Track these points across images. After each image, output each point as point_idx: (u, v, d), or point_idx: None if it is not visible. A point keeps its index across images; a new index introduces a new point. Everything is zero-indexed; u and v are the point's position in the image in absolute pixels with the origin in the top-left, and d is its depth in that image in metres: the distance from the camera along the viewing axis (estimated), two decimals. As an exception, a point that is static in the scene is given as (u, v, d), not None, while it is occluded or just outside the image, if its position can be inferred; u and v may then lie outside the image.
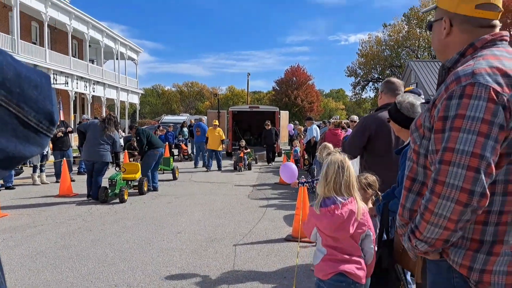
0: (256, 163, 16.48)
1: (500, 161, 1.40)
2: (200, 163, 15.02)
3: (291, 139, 19.39)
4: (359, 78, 51.39)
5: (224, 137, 14.54)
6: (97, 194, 8.31)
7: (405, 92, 5.58)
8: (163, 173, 13.06)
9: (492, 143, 1.34)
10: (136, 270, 4.56)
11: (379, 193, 2.80)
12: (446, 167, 1.37)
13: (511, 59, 1.49)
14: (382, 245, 2.50)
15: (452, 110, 1.40)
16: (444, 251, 1.52)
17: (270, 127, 16.29)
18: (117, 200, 8.44)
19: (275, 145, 16.77)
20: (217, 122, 14.54)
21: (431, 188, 1.41)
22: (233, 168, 14.24)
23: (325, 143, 6.20)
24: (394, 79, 3.65)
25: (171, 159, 13.12)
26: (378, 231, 2.65)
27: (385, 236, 2.57)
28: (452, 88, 1.44)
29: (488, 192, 1.34)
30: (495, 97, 1.36)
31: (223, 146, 14.97)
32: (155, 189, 9.88)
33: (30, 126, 0.70)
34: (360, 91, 52.54)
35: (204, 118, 17.27)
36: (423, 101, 2.78)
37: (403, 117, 2.69)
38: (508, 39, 1.63)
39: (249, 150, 15.30)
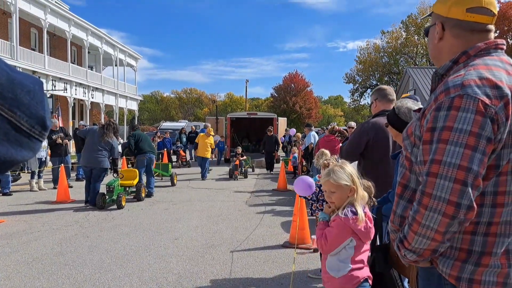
0: (253, 170, 16.22)
1: (488, 173, 1.41)
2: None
3: (283, 146, 19.28)
4: (357, 85, 51.66)
5: (214, 146, 14.36)
6: (95, 200, 8.30)
7: (403, 97, 5.58)
8: (162, 179, 13.08)
9: (479, 156, 1.34)
10: (133, 277, 4.54)
11: (374, 199, 2.80)
12: (433, 179, 1.37)
13: (503, 70, 1.47)
14: (376, 250, 2.50)
15: (440, 122, 1.40)
16: (433, 260, 1.53)
17: (272, 133, 16.06)
18: (115, 206, 8.42)
19: (275, 153, 16.37)
20: (212, 132, 14.34)
21: (418, 200, 1.41)
22: (228, 176, 13.95)
23: (322, 149, 6.19)
24: (385, 86, 3.72)
25: (170, 165, 13.15)
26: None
27: (378, 241, 2.58)
28: (441, 99, 1.44)
29: (475, 205, 1.34)
30: (483, 110, 1.35)
31: (213, 155, 14.87)
32: (150, 194, 9.84)
33: (23, 131, 0.71)
34: (359, 98, 52.80)
35: (209, 125, 17.21)
36: (421, 107, 2.80)
37: (401, 122, 2.70)
38: (504, 47, 1.61)
39: (245, 157, 15.08)
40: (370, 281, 2.41)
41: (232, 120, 19.98)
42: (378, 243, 2.60)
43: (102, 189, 8.67)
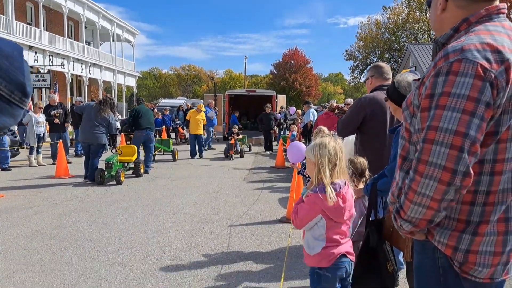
0: (250, 150, 15.56)
1: (486, 139, 1.39)
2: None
3: (279, 123, 18.72)
4: (358, 62, 51.11)
5: (205, 122, 13.77)
6: (94, 176, 8.36)
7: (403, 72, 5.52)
8: (163, 154, 13.18)
9: (477, 121, 1.32)
10: (132, 250, 4.60)
11: (368, 175, 2.81)
12: (429, 145, 1.35)
13: (505, 35, 1.44)
14: (370, 225, 2.52)
15: (439, 88, 1.38)
16: (429, 231, 1.52)
17: (270, 110, 15.49)
18: (114, 182, 8.47)
19: (272, 131, 15.72)
20: (203, 107, 13.82)
21: (414, 168, 1.40)
22: (224, 156, 13.41)
23: (320, 126, 6.17)
24: (383, 64, 3.67)
25: (171, 141, 13.32)
26: (366, 211, 2.66)
27: (373, 216, 2.59)
28: (440, 65, 1.41)
29: (471, 171, 1.33)
30: (482, 74, 1.33)
31: (205, 132, 14.43)
32: (145, 172, 9.74)
33: (2, 96, 0.70)
34: (359, 75, 52.29)
35: (212, 101, 17.06)
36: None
37: (401, 96, 2.68)
38: (506, 12, 1.56)
39: (241, 136, 14.59)
40: (351, 257, 2.39)
41: (230, 97, 19.86)
42: (372, 218, 2.62)
43: (101, 165, 8.70)
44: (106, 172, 8.48)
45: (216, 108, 17.43)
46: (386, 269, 2.50)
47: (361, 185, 2.94)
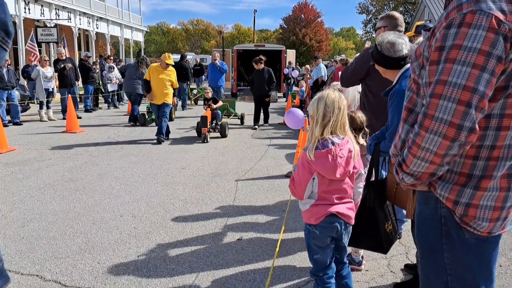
0: (242, 123, 10.92)
1: (496, 94, 1.36)
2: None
3: (287, 78, 17.84)
4: (370, 16, 49.43)
5: (177, 85, 8.79)
6: (137, 118, 10.53)
7: (416, 25, 5.33)
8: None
9: (487, 76, 1.29)
10: (141, 202, 4.73)
11: (366, 129, 2.77)
12: (436, 100, 1.33)
13: None
14: (370, 185, 2.52)
15: (449, 40, 1.34)
16: (431, 184, 1.53)
17: (262, 66, 10.58)
18: (121, 137, 8.58)
19: (268, 97, 10.73)
20: (171, 59, 8.46)
21: (420, 122, 1.38)
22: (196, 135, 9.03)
23: (335, 82, 6.06)
24: (398, 14, 3.46)
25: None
26: (367, 171, 2.64)
27: (374, 176, 2.58)
28: (452, 16, 1.36)
29: (477, 127, 1.31)
30: (496, 26, 1.28)
31: (175, 100, 9.51)
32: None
33: None
34: (372, 30, 50.78)
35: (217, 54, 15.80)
36: (406, 38, 2.68)
37: (385, 58, 2.62)
38: None
39: (220, 103, 9.58)
40: (345, 219, 2.29)
41: (239, 52, 19.49)
42: (373, 179, 2.60)
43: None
44: (147, 116, 10.57)
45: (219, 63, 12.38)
46: (384, 229, 2.54)
47: (361, 140, 2.90)
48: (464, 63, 1.30)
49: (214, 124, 8.97)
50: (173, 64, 8.65)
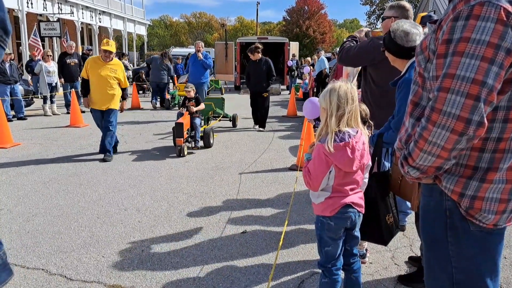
0: (235, 125, 9.34)
1: (504, 86, 1.34)
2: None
3: (290, 70, 17.83)
4: (374, 7, 49.01)
5: (127, 85, 6.72)
6: (164, 104, 12.63)
7: (421, 16, 5.24)
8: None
9: (496, 69, 1.27)
10: (145, 196, 4.74)
11: (370, 122, 2.75)
12: (444, 94, 1.31)
13: None
14: (372, 176, 2.50)
15: (457, 33, 1.32)
16: (437, 177, 1.52)
17: (260, 56, 8.83)
18: (126, 134, 8.60)
19: (267, 93, 8.96)
20: (112, 46, 6.29)
21: (427, 116, 1.36)
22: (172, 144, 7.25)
23: (343, 79, 5.95)
24: (408, 5, 3.37)
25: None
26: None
27: (376, 168, 2.57)
28: (459, 8, 1.34)
29: (486, 121, 1.30)
30: (505, 18, 1.26)
31: (123, 103, 6.69)
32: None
33: None
34: (375, 21, 50.39)
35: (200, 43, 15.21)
36: (421, 29, 2.64)
37: (398, 46, 2.58)
38: None
39: (202, 107, 7.43)
40: (359, 208, 2.31)
41: (242, 45, 19.38)
42: (375, 171, 2.59)
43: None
44: (170, 102, 12.61)
45: (207, 52, 10.38)
46: (385, 221, 2.53)
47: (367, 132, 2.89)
48: (472, 56, 1.28)
49: (193, 133, 7.06)
50: (114, 51, 6.40)
